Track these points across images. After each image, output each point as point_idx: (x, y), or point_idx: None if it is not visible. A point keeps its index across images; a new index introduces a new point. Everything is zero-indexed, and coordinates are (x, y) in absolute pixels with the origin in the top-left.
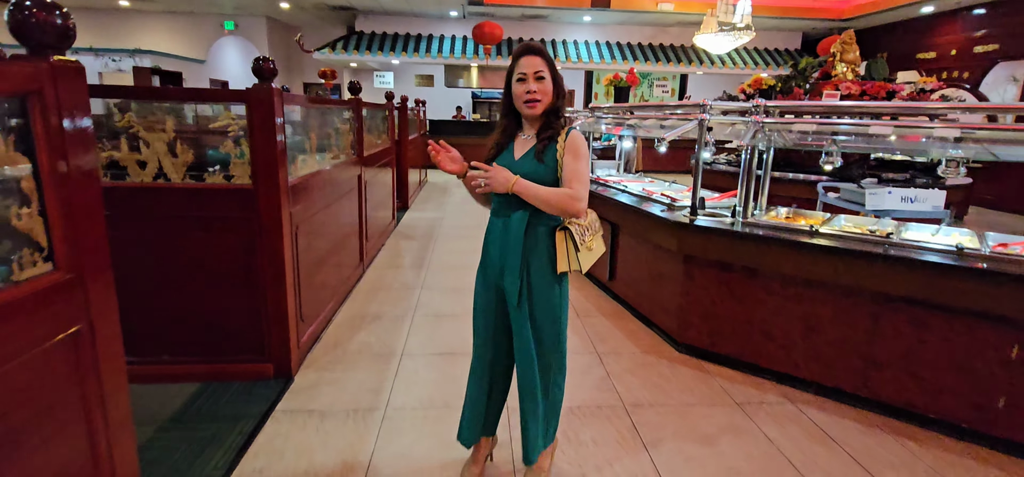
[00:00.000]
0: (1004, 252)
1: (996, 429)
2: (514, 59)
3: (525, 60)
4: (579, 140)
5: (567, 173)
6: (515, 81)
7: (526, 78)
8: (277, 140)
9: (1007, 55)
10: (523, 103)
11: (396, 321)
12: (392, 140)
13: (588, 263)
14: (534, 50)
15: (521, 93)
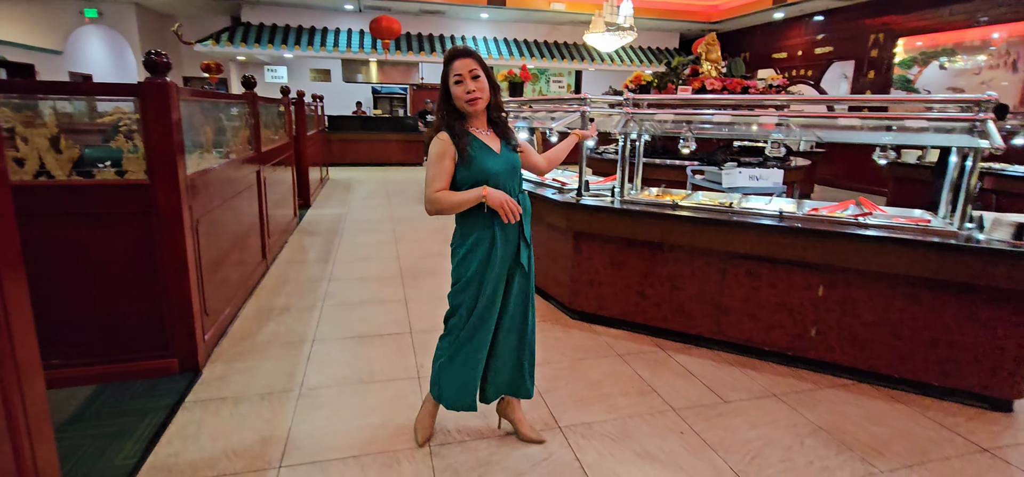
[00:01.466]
0: (813, 215)
1: (811, 353)
2: (447, 63)
3: (459, 63)
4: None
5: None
6: (453, 84)
7: (463, 79)
8: (174, 135)
9: (840, 56)
10: (465, 102)
11: (305, 311)
12: (290, 136)
13: None
14: (465, 52)
15: (462, 94)
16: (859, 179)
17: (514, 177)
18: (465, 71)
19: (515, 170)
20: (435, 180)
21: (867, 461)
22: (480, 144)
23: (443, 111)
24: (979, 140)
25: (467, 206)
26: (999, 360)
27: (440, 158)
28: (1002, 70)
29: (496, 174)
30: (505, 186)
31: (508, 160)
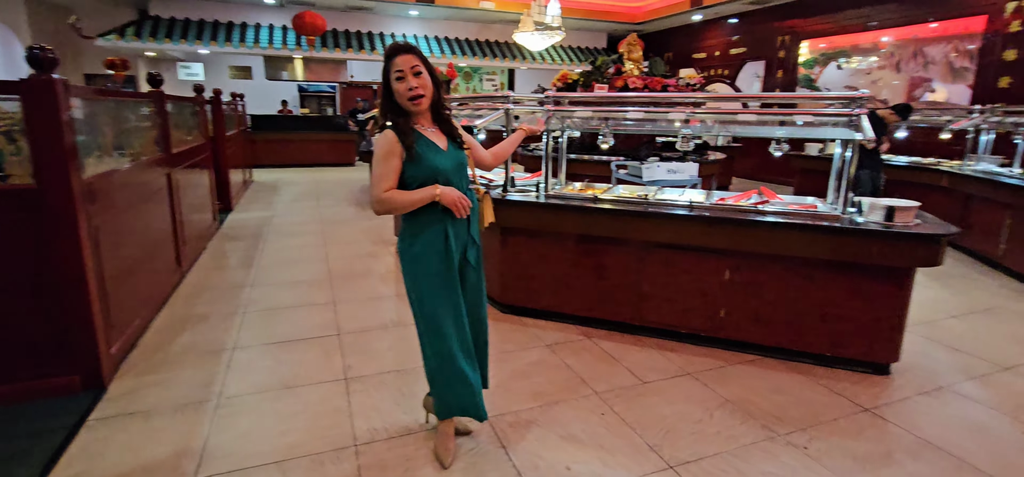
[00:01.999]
0: (719, 204)
1: (722, 332)
2: (388, 60)
3: (400, 59)
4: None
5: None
6: (394, 81)
7: (405, 75)
8: (64, 136)
9: (752, 57)
10: (408, 100)
11: (225, 319)
12: (206, 137)
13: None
14: (406, 48)
15: (404, 91)
16: (772, 171)
17: (462, 174)
18: (407, 68)
19: (463, 167)
20: (383, 179)
21: (768, 427)
22: (427, 141)
23: (387, 109)
24: (855, 133)
25: (419, 205)
26: (878, 329)
27: (387, 156)
28: (889, 71)
29: (446, 171)
30: (455, 183)
31: (456, 157)
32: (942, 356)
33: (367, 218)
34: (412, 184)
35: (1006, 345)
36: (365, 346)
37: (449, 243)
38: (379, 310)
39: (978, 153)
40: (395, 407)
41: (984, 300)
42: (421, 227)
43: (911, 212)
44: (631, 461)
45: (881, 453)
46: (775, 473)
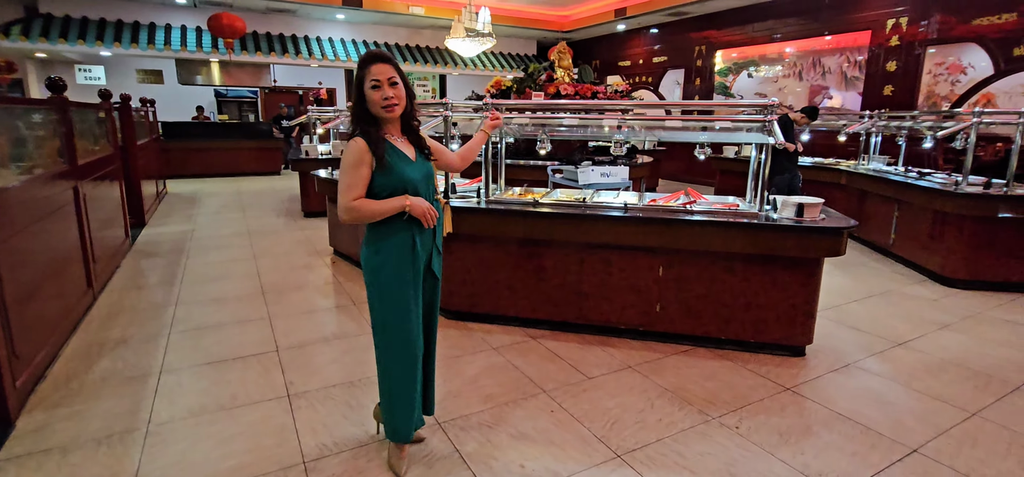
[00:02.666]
0: (651, 205)
1: (657, 326)
2: (363, 67)
3: (377, 67)
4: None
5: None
6: (369, 88)
7: (380, 85)
8: None
9: (673, 65)
10: (381, 108)
11: (148, 341)
12: (116, 147)
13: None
14: (384, 58)
15: (378, 99)
16: (695, 173)
17: (430, 184)
18: (383, 77)
19: (430, 178)
20: (352, 188)
21: (703, 411)
22: (397, 152)
23: (358, 116)
24: (767, 137)
25: (388, 215)
26: (793, 315)
27: (357, 165)
28: (793, 79)
29: (415, 182)
30: (423, 193)
31: (424, 168)
32: (847, 337)
33: (298, 228)
34: (381, 193)
35: (899, 324)
36: (306, 361)
37: (416, 252)
38: (318, 323)
39: (870, 154)
40: (343, 421)
41: (879, 285)
42: (387, 236)
43: (817, 208)
44: (581, 454)
45: (802, 427)
46: (711, 453)
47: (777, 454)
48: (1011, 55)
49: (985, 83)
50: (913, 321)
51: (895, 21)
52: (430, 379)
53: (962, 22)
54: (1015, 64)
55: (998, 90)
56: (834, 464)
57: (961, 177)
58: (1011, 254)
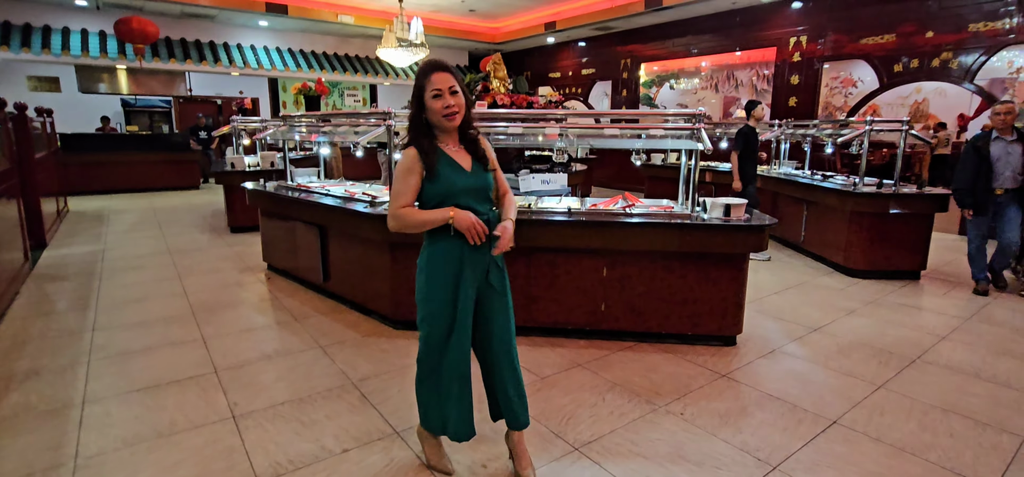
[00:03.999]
0: (593, 210)
1: (603, 325)
2: (424, 77)
3: (438, 77)
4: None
5: (499, 175)
6: (430, 98)
7: (442, 94)
8: None
9: (601, 77)
10: (442, 117)
11: (64, 371)
12: (11, 160)
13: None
14: (444, 67)
15: (440, 108)
16: (625, 179)
17: (483, 197)
18: (445, 86)
19: (484, 190)
20: (400, 196)
21: (650, 402)
22: (449, 160)
23: (415, 126)
24: (697, 143)
25: (432, 225)
26: (725, 307)
27: (407, 174)
28: (709, 90)
29: (463, 192)
30: (472, 205)
31: (478, 179)
32: (771, 325)
33: (226, 244)
34: (429, 202)
35: (813, 311)
36: (249, 380)
37: (462, 266)
38: (258, 341)
39: (780, 159)
40: (296, 438)
41: (795, 278)
42: (433, 246)
43: (742, 208)
44: (541, 450)
45: (738, 408)
46: (661, 439)
47: (719, 435)
48: (892, 71)
49: (872, 96)
50: (824, 308)
51: (796, 39)
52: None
53: (852, 41)
54: (896, 79)
55: (882, 101)
56: (769, 439)
57: (858, 179)
58: (901, 246)
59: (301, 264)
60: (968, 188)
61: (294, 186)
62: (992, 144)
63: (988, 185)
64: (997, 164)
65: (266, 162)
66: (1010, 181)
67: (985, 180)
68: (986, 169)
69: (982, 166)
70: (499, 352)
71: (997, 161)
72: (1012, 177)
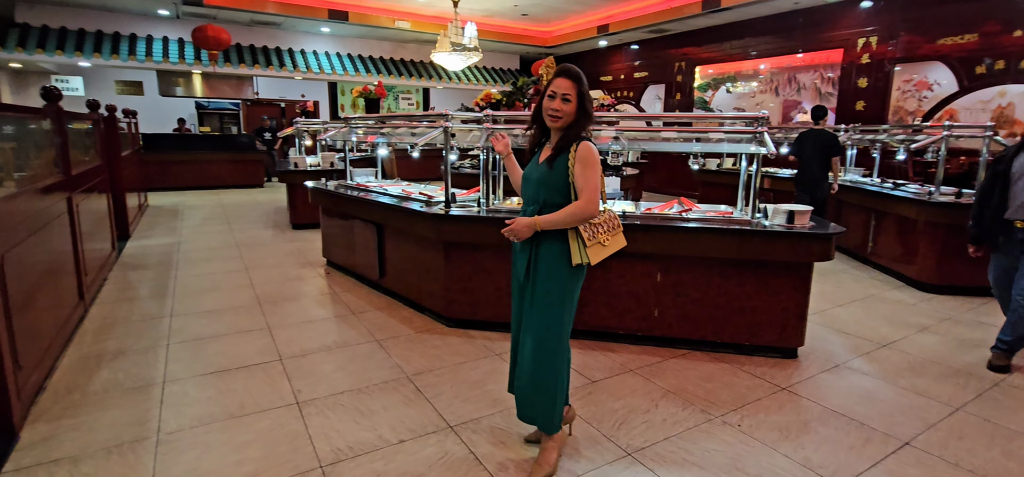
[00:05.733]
0: (648, 213)
1: (656, 331)
2: (553, 76)
3: (558, 81)
4: (588, 151)
5: (578, 183)
6: (547, 96)
7: (555, 97)
8: None
9: (653, 81)
10: (546, 115)
11: (146, 352)
12: (103, 158)
13: (599, 256)
14: (570, 74)
15: (547, 107)
16: (677, 185)
17: (536, 188)
18: (559, 91)
19: (539, 182)
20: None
21: (705, 411)
22: (534, 160)
23: (535, 115)
24: (759, 147)
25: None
26: (786, 318)
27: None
28: (769, 94)
29: (526, 180)
30: (527, 191)
31: (537, 171)
32: (835, 339)
33: (287, 240)
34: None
35: (882, 326)
36: (311, 369)
37: (514, 259)
38: (318, 332)
39: (846, 165)
40: (355, 426)
41: (861, 291)
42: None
43: (806, 215)
44: (593, 453)
45: (800, 423)
46: (717, 449)
47: (779, 449)
48: (973, 73)
49: (949, 100)
50: (895, 324)
51: (866, 40)
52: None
53: (928, 42)
54: (977, 82)
55: (960, 106)
56: (833, 457)
57: (934, 187)
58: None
59: (358, 260)
60: (977, 216)
61: (353, 185)
62: (1020, 156)
63: (1000, 211)
64: (1015, 185)
65: (326, 162)
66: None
67: (997, 204)
68: (1000, 189)
69: (996, 186)
70: (523, 338)
71: (1016, 181)
72: None
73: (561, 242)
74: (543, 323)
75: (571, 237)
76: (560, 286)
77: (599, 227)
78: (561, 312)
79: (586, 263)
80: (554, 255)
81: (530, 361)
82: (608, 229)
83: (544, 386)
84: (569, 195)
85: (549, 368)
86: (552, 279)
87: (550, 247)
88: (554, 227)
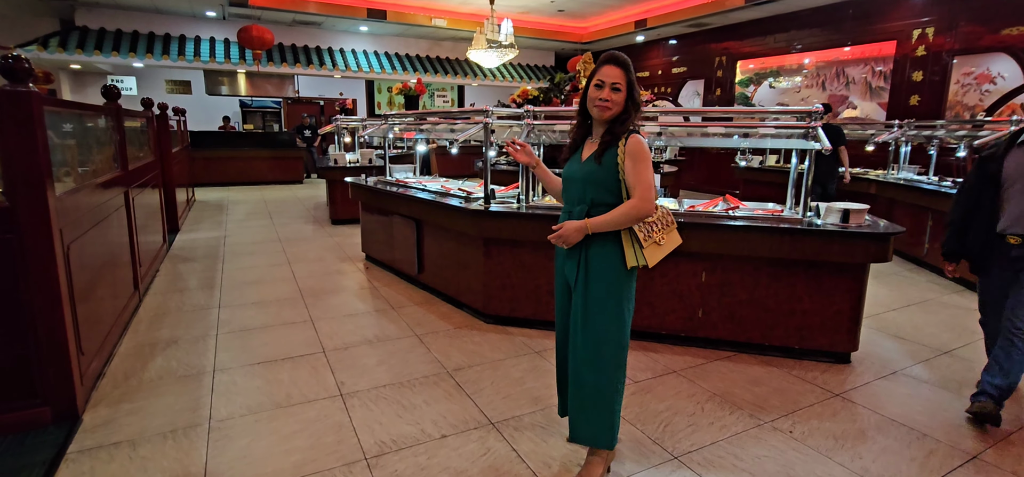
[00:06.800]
0: (692, 211)
1: (700, 332)
2: (598, 65)
3: (606, 69)
4: (638, 145)
5: (630, 179)
6: (593, 86)
7: (603, 86)
8: (39, 151)
9: (692, 76)
10: (594, 106)
11: (197, 342)
12: (155, 154)
13: (656, 257)
14: (618, 61)
15: (594, 97)
16: (715, 182)
17: (583, 187)
18: (608, 79)
19: (583, 180)
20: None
21: (754, 416)
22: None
23: (581, 108)
24: (812, 143)
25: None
26: (839, 322)
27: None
28: (815, 89)
29: (569, 179)
30: (572, 192)
31: (581, 168)
32: (891, 344)
33: (328, 235)
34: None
35: (941, 332)
36: (353, 362)
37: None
38: (359, 326)
39: (899, 163)
40: (398, 420)
41: (916, 294)
42: None
43: (862, 214)
44: (638, 455)
45: (855, 431)
46: (768, 456)
47: (834, 457)
48: None
49: (1014, 93)
50: (956, 330)
51: (921, 31)
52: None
53: (990, 32)
54: None
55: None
56: (894, 468)
57: None
58: None
59: (397, 256)
60: (954, 224)
61: (392, 181)
62: (1013, 152)
63: (990, 223)
64: (1011, 189)
65: (364, 159)
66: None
67: (986, 214)
68: (990, 196)
69: (985, 190)
70: (575, 351)
71: (1011, 184)
72: None
73: (614, 244)
74: (599, 332)
75: (625, 238)
76: (615, 291)
77: (654, 225)
78: (618, 319)
79: (643, 265)
80: (607, 258)
81: (586, 373)
82: (663, 227)
83: (602, 400)
84: (620, 193)
85: (607, 379)
86: (606, 284)
87: (603, 249)
88: (607, 229)
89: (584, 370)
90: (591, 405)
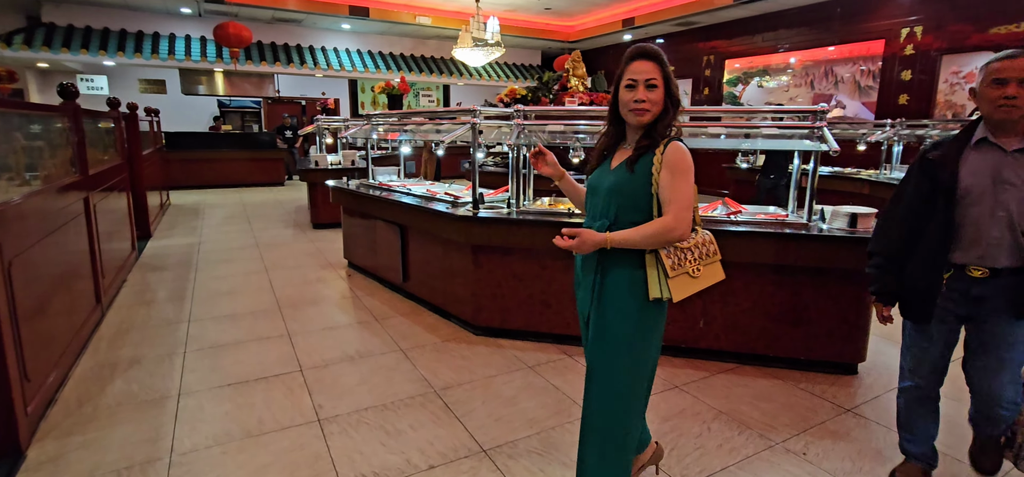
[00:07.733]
0: None
1: (701, 343)
2: (625, 62)
3: (637, 65)
4: (679, 154)
5: (665, 194)
6: (623, 87)
7: (636, 85)
8: None
9: (680, 75)
10: (629, 110)
11: (162, 361)
12: (123, 156)
13: (683, 292)
14: (649, 54)
15: (628, 100)
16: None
17: (608, 199)
18: (641, 77)
19: (612, 191)
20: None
21: (764, 436)
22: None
23: (610, 114)
24: (819, 144)
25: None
26: (846, 331)
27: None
28: (803, 88)
29: (593, 189)
30: (595, 205)
31: (610, 178)
32: (896, 353)
33: (308, 240)
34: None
35: None
36: (333, 381)
37: (577, 274)
38: (340, 340)
39: (891, 163)
40: (381, 448)
41: None
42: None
43: (871, 219)
44: None
45: (873, 452)
46: None
47: None
48: None
49: None
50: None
51: (909, 30)
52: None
53: (978, 31)
54: None
55: None
56: None
57: None
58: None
59: (381, 263)
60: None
61: (375, 184)
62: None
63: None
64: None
65: (347, 160)
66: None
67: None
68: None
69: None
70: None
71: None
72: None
73: (635, 268)
74: (610, 367)
75: (649, 263)
76: (631, 324)
77: (688, 253)
78: (633, 356)
79: (667, 298)
80: (624, 285)
81: (596, 417)
82: (700, 257)
83: (610, 445)
84: (650, 211)
85: (616, 423)
86: (621, 315)
87: (620, 274)
88: (629, 246)
89: (594, 413)
90: (596, 449)
